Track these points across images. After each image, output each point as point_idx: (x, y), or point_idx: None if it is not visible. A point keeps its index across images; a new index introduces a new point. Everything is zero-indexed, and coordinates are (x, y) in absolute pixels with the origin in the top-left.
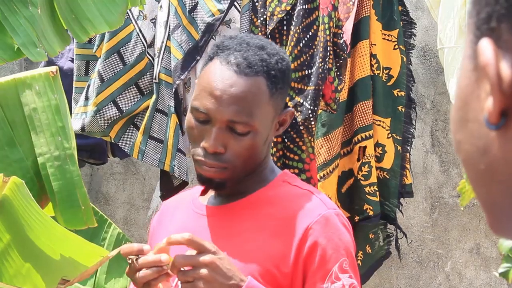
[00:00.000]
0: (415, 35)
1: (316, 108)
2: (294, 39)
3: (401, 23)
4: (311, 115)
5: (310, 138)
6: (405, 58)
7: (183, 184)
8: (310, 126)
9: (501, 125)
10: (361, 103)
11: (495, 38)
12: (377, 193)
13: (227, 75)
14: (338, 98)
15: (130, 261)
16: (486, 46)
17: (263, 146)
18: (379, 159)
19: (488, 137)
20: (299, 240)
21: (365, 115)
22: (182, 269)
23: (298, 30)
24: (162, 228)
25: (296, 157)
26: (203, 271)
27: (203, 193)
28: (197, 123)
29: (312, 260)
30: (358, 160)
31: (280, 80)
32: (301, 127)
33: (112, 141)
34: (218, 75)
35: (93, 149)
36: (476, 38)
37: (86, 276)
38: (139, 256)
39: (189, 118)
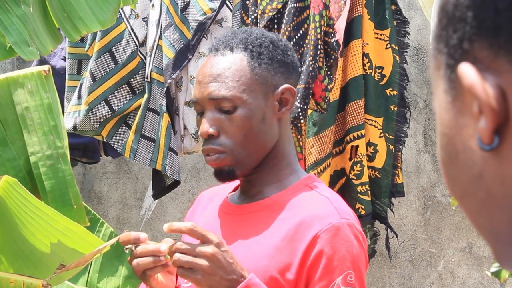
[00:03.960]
0: (409, 34)
1: (306, 107)
2: (285, 37)
3: (394, 22)
4: (300, 114)
5: (299, 137)
6: (397, 57)
7: (175, 183)
8: (299, 124)
9: (495, 145)
10: (353, 102)
11: (471, 61)
12: (369, 192)
13: (209, 61)
14: (328, 97)
15: (126, 250)
16: (467, 68)
17: (261, 126)
18: (370, 158)
19: (482, 161)
20: (305, 247)
21: (357, 114)
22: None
23: (289, 28)
24: (193, 220)
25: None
26: (204, 262)
27: (235, 189)
28: (198, 118)
29: (316, 269)
30: (350, 159)
31: (264, 55)
32: (290, 126)
33: (104, 140)
34: (203, 65)
35: (85, 148)
36: (450, 68)
37: (83, 263)
38: (138, 244)
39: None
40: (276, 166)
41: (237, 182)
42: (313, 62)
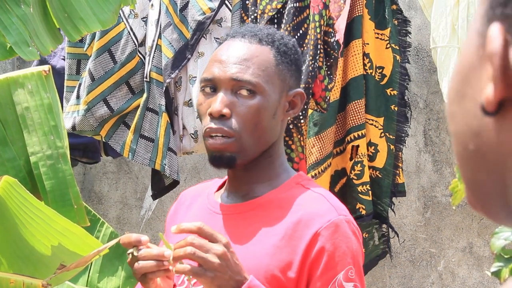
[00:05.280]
0: (410, 33)
1: (306, 107)
2: None
3: (395, 21)
4: (300, 114)
5: (300, 137)
6: (398, 57)
7: (175, 183)
8: (300, 124)
9: (496, 114)
10: (353, 102)
11: (507, 25)
12: (370, 192)
13: (233, 44)
14: (328, 97)
15: (129, 255)
16: (496, 34)
17: (271, 120)
18: (371, 158)
19: (483, 120)
20: (306, 245)
21: (358, 114)
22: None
23: (288, 28)
24: (177, 219)
25: (286, 156)
26: (216, 260)
27: (220, 188)
28: (205, 97)
29: (317, 266)
30: (351, 159)
31: (287, 55)
32: (291, 126)
33: (103, 140)
34: (226, 47)
35: (86, 148)
36: (487, 17)
37: (83, 264)
38: (139, 247)
39: (198, 96)
40: (269, 165)
41: (220, 181)
42: (313, 62)
